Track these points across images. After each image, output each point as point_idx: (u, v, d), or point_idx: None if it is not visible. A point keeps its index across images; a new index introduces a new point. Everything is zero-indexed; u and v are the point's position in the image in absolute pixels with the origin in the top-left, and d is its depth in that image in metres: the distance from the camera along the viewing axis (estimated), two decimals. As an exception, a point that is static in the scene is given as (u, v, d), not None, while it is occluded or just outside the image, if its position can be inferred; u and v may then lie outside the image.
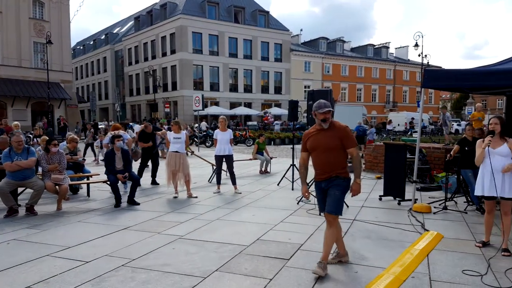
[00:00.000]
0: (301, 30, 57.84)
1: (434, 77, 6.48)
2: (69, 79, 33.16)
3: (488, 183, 4.62)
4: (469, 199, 7.05)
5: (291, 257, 4.46)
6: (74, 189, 8.43)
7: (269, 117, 35.82)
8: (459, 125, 38.36)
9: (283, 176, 9.60)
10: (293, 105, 8.93)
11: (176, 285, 3.71)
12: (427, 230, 5.49)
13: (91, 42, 59.86)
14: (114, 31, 57.21)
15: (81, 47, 62.32)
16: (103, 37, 57.59)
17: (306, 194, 4.28)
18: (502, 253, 4.51)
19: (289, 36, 47.89)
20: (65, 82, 32.25)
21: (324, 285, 3.70)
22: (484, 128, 15.13)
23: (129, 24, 54.71)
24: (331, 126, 3.98)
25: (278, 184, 9.39)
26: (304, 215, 6.47)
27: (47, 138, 8.63)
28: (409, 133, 31.03)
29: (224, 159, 8.54)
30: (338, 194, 3.95)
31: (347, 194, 4.09)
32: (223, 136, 8.45)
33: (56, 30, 30.94)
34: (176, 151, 7.98)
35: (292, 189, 8.74)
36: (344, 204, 7.03)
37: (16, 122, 11.35)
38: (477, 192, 4.84)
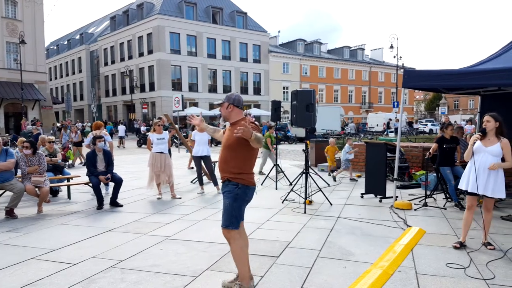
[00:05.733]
0: (279, 31, 58.17)
1: (414, 77, 6.65)
2: (43, 79, 32.34)
3: (473, 179, 4.58)
4: (448, 195, 7.27)
5: (280, 254, 4.51)
6: (54, 192, 8.24)
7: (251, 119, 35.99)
8: (433, 124, 39.39)
9: (267, 175, 9.67)
10: (276, 106, 9.01)
11: (168, 284, 3.70)
12: (410, 226, 5.64)
13: (65, 42, 58.56)
14: (89, 31, 56.15)
15: (55, 47, 60.88)
16: (77, 37, 56.43)
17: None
18: (488, 247, 4.63)
19: (267, 38, 48.12)
20: (39, 83, 31.45)
21: (315, 281, 3.77)
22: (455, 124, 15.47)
23: (104, 24, 53.82)
24: (237, 122, 3.49)
25: (261, 184, 9.43)
26: (289, 214, 6.54)
27: (24, 139, 8.43)
28: (385, 133, 31.68)
29: (202, 160, 8.53)
30: (227, 204, 3.39)
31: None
32: (201, 137, 8.45)
33: (29, 29, 30.17)
34: (161, 152, 7.92)
35: (276, 189, 8.80)
36: (328, 202, 7.22)
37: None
38: (462, 185, 4.78)
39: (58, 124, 28.38)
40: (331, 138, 13.27)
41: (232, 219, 3.39)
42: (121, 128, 25.10)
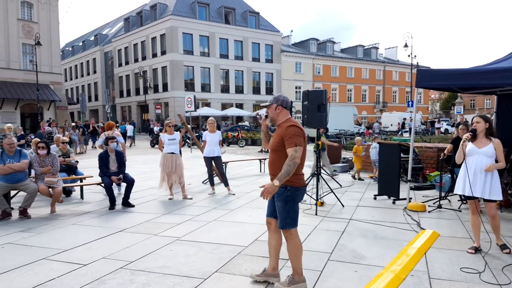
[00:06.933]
0: (292, 31, 58.12)
1: (427, 77, 6.53)
2: (59, 80, 32.83)
3: (470, 182, 4.48)
4: (462, 197, 7.11)
5: (290, 257, 4.45)
6: (67, 192, 8.33)
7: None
8: (448, 124, 38.80)
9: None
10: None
11: (177, 286, 3.69)
12: (423, 229, 5.54)
13: (80, 43, 59.37)
14: (104, 32, 56.85)
15: (70, 48, 61.79)
16: (92, 38, 57.18)
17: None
18: (504, 250, 4.53)
19: (279, 37, 48.05)
20: (54, 84, 31.92)
21: (325, 285, 3.71)
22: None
23: (118, 25, 54.40)
24: (282, 123, 3.54)
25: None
26: (300, 215, 6.41)
27: (38, 140, 8.53)
28: (399, 133, 31.29)
29: (213, 161, 8.52)
30: (280, 206, 3.52)
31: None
32: (212, 138, 8.45)
33: (45, 31, 30.64)
34: (172, 152, 7.94)
35: (287, 190, 8.72)
36: (340, 204, 7.14)
37: (9, 125, 11.27)
38: (457, 190, 4.71)
39: (73, 124, 28.80)
40: (358, 137, 12.62)
41: (288, 220, 3.53)
42: (129, 128, 25.52)
